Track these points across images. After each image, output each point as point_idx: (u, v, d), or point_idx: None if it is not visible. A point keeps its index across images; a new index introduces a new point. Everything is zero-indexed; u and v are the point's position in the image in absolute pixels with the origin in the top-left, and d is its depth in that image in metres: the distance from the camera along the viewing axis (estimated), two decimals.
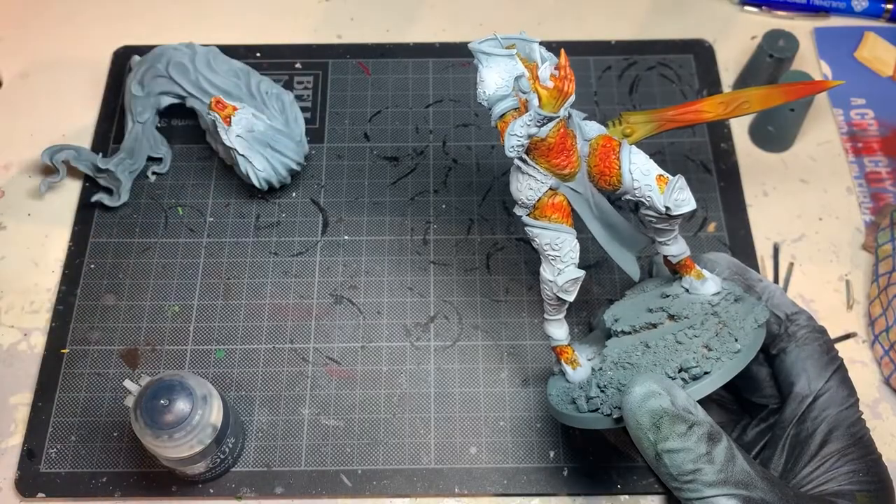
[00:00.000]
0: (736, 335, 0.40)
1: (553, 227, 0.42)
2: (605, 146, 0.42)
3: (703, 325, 0.41)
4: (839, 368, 0.40)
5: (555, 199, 0.42)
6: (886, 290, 0.54)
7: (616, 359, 0.43)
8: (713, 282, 0.43)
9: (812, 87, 0.52)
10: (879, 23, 0.69)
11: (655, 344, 0.42)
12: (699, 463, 0.34)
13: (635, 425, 0.36)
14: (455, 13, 0.70)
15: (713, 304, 0.42)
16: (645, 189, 0.40)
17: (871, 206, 0.61)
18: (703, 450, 0.34)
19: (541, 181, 0.41)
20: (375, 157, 0.62)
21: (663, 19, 0.70)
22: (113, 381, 0.54)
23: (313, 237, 0.59)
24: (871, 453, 0.39)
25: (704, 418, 0.35)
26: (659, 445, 0.35)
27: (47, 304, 0.57)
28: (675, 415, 0.35)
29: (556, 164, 0.41)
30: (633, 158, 0.41)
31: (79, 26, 0.70)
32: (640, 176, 0.41)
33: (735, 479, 0.34)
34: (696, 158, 0.62)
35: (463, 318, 0.56)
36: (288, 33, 0.69)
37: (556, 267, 0.42)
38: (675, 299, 0.44)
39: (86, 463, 0.51)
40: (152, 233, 0.59)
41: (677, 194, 0.40)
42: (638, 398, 0.36)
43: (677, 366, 0.40)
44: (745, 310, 0.42)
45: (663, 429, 0.35)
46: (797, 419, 0.39)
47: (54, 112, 0.65)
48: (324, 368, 0.54)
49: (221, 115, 0.55)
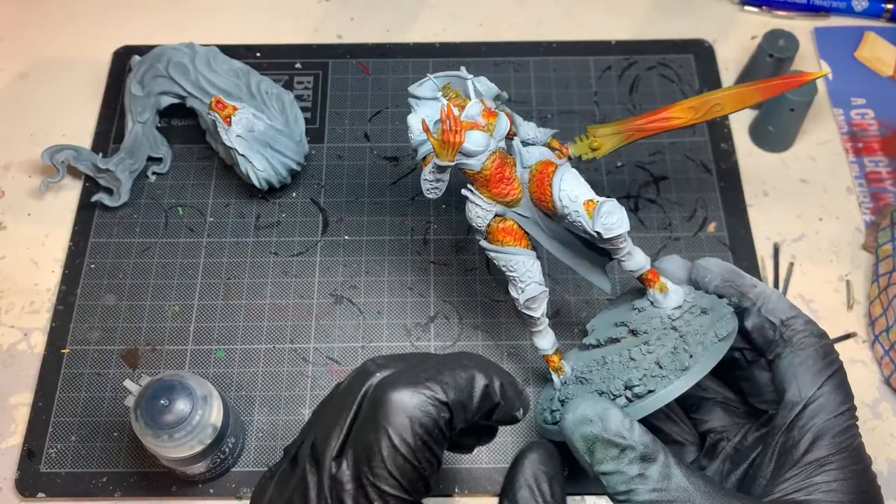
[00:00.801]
0: (692, 351, 0.40)
1: (506, 250, 0.44)
2: (542, 172, 0.43)
3: (659, 340, 0.41)
4: (835, 373, 0.40)
5: (504, 224, 0.44)
6: (886, 290, 0.54)
7: (578, 373, 0.44)
8: (675, 295, 0.43)
9: (787, 81, 0.48)
10: (879, 23, 0.69)
11: (612, 360, 0.43)
12: (632, 484, 0.36)
13: (573, 449, 0.37)
14: (455, 13, 0.70)
15: (673, 318, 0.42)
16: (574, 215, 0.41)
17: (871, 206, 0.61)
18: (634, 471, 0.36)
19: (486, 209, 0.44)
20: (375, 157, 0.63)
21: (663, 19, 0.70)
22: (113, 381, 0.54)
23: (313, 237, 0.59)
24: (855, 464, 0.38)
25: (639, 440, 0.36)
26: (594, 468, 0.37)
27: (47, 304, 0.57)
28: (606, 440, 0.36)
29: (497, 193, 0.43)
30: (562, 185, 0.42)
31: (79, 26, 0.70)
32: (568, 203, 0.41)
33: (669, 497, 0.35)
34: (696, 158, 0.62)
35: (463, 318, 0.56)
36: (288, 33, 0.69)
37: (518, 286, 0.44)
38: (639, 314, 0.44)
39: (86, 463, 0.51)
40: (152, 233, 0.59)
41: (605, 219, 0.41)
42: (571, 424, 0.37)
43: (622, 383, 0.40)
44: (709, 323, 0.41)
45: (597, 453, 0.36)
46: (786, 427, 0.39)
47: (54, 112, 0.65)
48: (324, 368, 0.54)
49: (221, 115, 0.55)
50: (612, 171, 0.62)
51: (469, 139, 0.41)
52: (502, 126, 0.42)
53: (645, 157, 0.62)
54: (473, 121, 0.42)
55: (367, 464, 0.32)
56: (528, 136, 0.46)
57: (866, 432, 0.52)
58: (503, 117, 0.43)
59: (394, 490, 0.32)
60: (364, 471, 0.32)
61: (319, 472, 0.33)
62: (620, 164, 0.62)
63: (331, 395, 0.36)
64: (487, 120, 0.42)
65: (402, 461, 0.32)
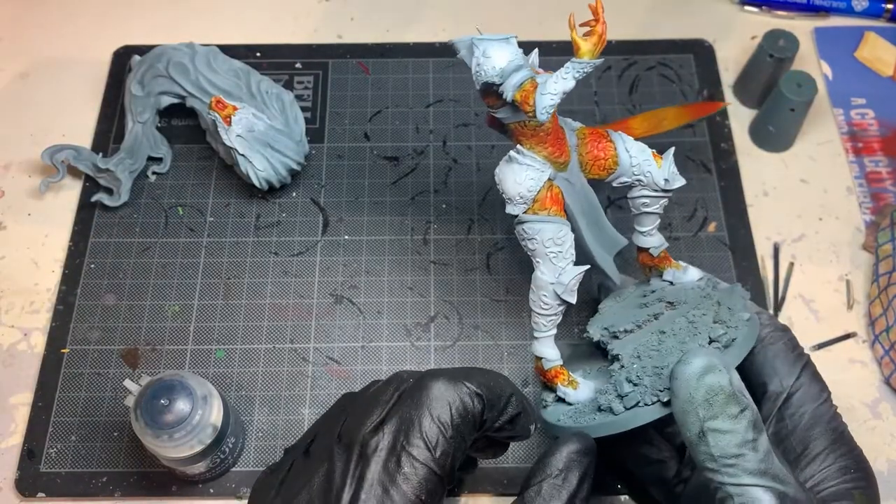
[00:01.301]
0: (736, 310, 0.41)
1: (555, 219, 0.41)
2: (594, 133, 0.43)
3: (702, 306, 0.42)
4: (807, 364, 0.41)
5: (553, 191, 0.41)
6: (886, 290, 0.54)
7: (634, 353, 0.41)
8: (694, 269, 0.46)
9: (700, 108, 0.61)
10: (879, 23, 0.69)
11: (670, 328, 0.41)
12: (744, 448, 0.33)
13: (686, 398, 0.34)
14: (455, 13, 0.70)
15: (702, 287, 0.44)
16: (644, 165, 0.42)
17: (871, 206, 0.61)
18: (750, 436, 0.34)
19: (540, 170, 0.40)
20: (375, 157, 0.62)
21: (663, 19, 0.70)
22: (113, 381, 0.54)
23: (313, 237, 0.59)
24: (854, 448, 0.39)
25: (753, 405, 0.34)
26: (707, 423, 0.34)
27: (47, 304, 0.57)
28: (730, 394, 0.34)
29: (553, 152, 0.40)
30: (625, 140, 0.43)
31: (79, 26, 0.70)
32: (637, 153, 0.42)
33: (773, 472, 0.34)
34: (696, 158, 0.62)
35: (463, 318, 0.56)
36: (288, 33, 0.69)
37: (558, 266, 0.41)
38: (665, 290, 0.44)
39: (86, 463, 0.51)
40: (152, 233, 0.59)
41: (673, 168, 0.43)
42: (697, 370, 0.34)
43: (706, 339, 0.39)
44: (729, 290, 0.43)
45: (715, 406, 0.34)
46: (774, 417, 0.39)
47: (54, 112, 0.65)
48: (324, 368, 0.54)
49: (221, 115, 0.55)
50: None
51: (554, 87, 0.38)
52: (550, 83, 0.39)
53: None
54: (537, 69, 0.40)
55: (404, 433, 0.34)
56: None
57: (866, 432, 0.52)
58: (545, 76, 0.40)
59: (425, 460, 0.34)
60: (400, 439, 0.34)
61: (349, 450, 0.34)
62: None
63: (355, 396, 0.39)
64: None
65: (437, 433, 0.34)
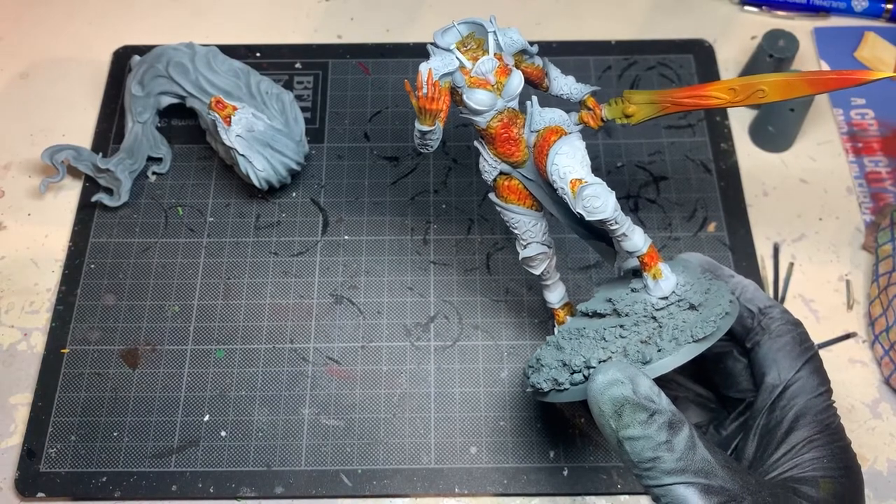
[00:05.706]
0: (662, 345, 0.38)
1: (510, 207, 0.45)
2: (545, 140, 0.42)
3: (636, 326, 0.40)
4: (812, 358, 0.41)
5: (509, 183, 0.44)
6: (886, 290, 0.54)
7: (560, 337, 0.44)
8: (665, 286, 0.41)
9: (842, 77, 0.40)
10: (879, 23, 0.69)
11: (587, 333, 0.42)
12: (658, 451, 0.35)
13: (598, 412, 0.36)
14: (455, 13, 0.70)
15: (657, 307, 0.41)
16: (561, 192, 0.41)
17: (871, 206, 0.61)
18: (662, 438, 0.35)
19: (492, 165, 0.44)
20: (375, 157, 0.63)
21: (663, 19, 0.70)
22: (113, 381, 0.54)
23: (313, 237, 0.59)
24: (838, 440, 0.39)
25: (667, 406, 0.36)
26: (620, 433, 0.35)
27: (47, 304, 0.57)
28: (635, 403, 0.35)
29: (502, 153, 0.43)
30: (556, 159, 0.41)
31: (79, 26, 0.70)
32: (557, 178, 0.41)
33: (695, 468, 0.35)
34: (696, 158, 0.62)
35: (463, 317, 0.56)
36: (288, 33, 0.69)
37: (520, 243, 0.46)
38: (628, 295, 0.43)
39: (86, 463, 0.51)
40: (152, 233, 0.59)
41: (587, 201, 0.39)
42: (600, 385, 0.36)
43: (584, 361, 0.39)
44: (693, 320, 0.39)
45: (625, 416, 0.35)
46: (767, 408, 0.40)
47: (54, 112, 0.65)
48: (324, 368, 0.54)
49: (221, 115, 0.55)
50: (612, 171, 0.62)
51: (472, 98, 0.41)
52: (513, 86, 0.42)
53: (645, 156, 0.62)
54: (484, 77, 0.41)
55: None
56: (561, 91, 0.45)
57: (866, 432, 0.52)
58: (516, 76, 0.42)
59: None
60: None
61: None
62: (620, 165, 0.62)
63: None
64: (499, 79, 0.42)
65: None
